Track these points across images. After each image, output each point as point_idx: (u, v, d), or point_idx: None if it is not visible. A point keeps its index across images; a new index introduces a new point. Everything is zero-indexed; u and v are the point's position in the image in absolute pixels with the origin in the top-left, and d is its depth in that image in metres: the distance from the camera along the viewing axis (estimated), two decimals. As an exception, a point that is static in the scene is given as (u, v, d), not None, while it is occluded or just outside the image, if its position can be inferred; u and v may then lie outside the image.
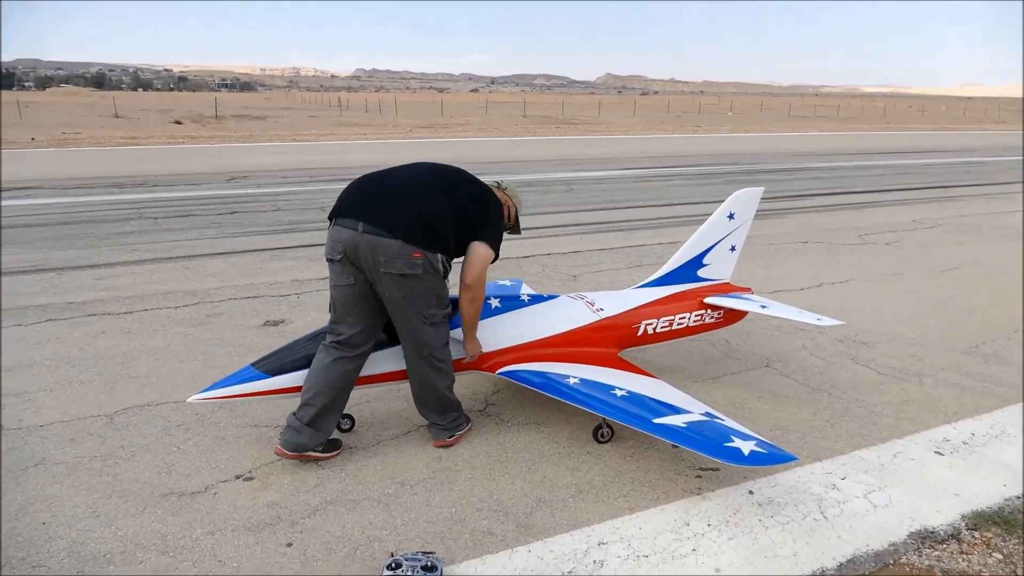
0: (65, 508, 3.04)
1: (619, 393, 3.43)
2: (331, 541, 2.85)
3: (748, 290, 4.66)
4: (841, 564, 2.76)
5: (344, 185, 3.39)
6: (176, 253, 8.01)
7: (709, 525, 2.99)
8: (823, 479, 3.38)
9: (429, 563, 2.56)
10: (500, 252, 3.48)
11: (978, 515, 3.10)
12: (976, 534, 3.00)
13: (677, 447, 3.49)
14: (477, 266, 3.35)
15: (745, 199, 4.49)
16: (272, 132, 29.87)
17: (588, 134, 32.81)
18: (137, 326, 5.50)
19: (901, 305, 6.35)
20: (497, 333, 3.77)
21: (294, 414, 3.32)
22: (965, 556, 2.87)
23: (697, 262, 4.45)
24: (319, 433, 3.32)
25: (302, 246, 8.43)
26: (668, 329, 4.26)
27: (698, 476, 3.38)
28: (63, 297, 6.25)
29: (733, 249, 4.56)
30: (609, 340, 4.05)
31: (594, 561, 2.74)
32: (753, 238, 9.03)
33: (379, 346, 3.52)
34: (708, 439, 3.02)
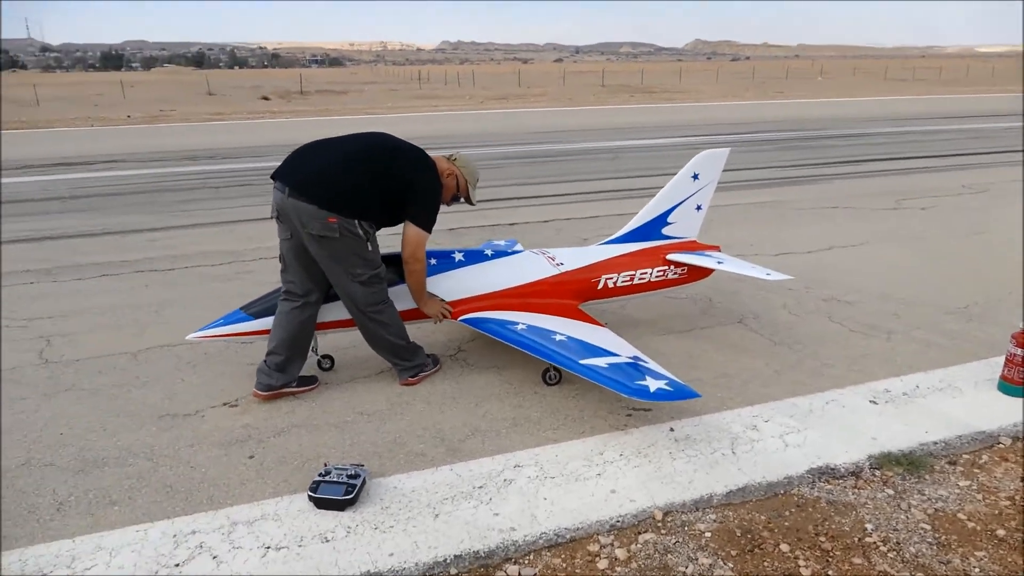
0: (80, 423, 3.64)
1: (558, 338, 3.74)
2: (286, 456, 3.32)
3: (715, 248, 4.84)
4: (730, 492, 3.02)
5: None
6: (225, 218, 8.75)
7: (621, 455, 3.29)
8: (747, 421, 3.61)
9: (354, 472, 2.99)
10: (434, 225, 3.75)
11: (885, 456, 3.27)
12: (877, 472, 3.18)
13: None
14: (408, 246, 3.67)
15: (709, 160, 4.65)
16: (350, 106, 30.87)
17: (662, 102, 32.25)
18: (175, 281, 6.17)
19: (906, 267, 6.31)
20: (460, 284, 4.13)
21: (264, 360, 3.80)
22: (857, 491, 3.07)
23: (661, 221, 4.66)
24: (285, 375, 3.80)
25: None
26: (629, 284, 4.52)
27: (628, 415, 3.67)
28: (120, 256, 7.02)
29: (699, 208, 4.74)
30: (568, 292, 4.35)
31: (504, 480, 3.11)
32: (779, 203, 9.02)
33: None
34: (621, 379, 3.31)
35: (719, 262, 4.49)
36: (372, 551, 2.64)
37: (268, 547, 2.68)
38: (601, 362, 3.47)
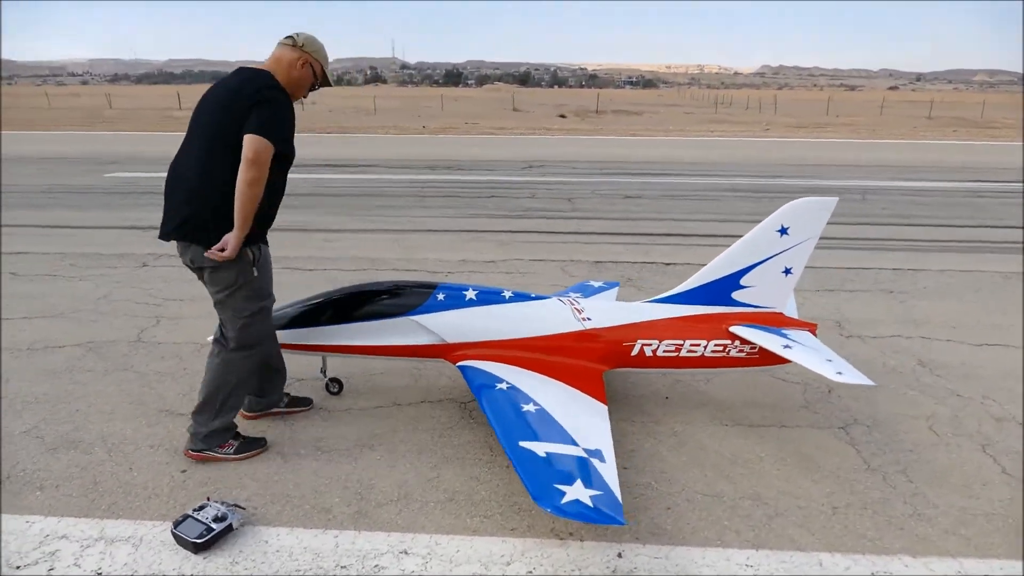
0: (100, 403, 3.94)
1: (526, 408, 3.12)
2: (211, 478, 3.21)
3: (809, 327, 3.70)
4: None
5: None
6: (404, 227, 9.15)
7: (530, 572, 2.61)
8: (733, 569, 2.64)
9: (222, 514, 2.76)
10: (288, 145, 3.08)
11: None
12: None
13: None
14: (251, 150, 2.89)
15: (805, 211, 3.56)
16: (634, 127, 30.34)
17: (994, 139, 26.62)
18: (311, 280, 6.51)
19: None
20: (464, 325, 3.69)
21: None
22: None
23: (733, 281, 3.68)
24: (265, 399, 3.72)
25: (508, 231, 8.90)
26: (673, 355, 3.64)
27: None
28: (293, 252, 7.66)
29: (787, 273, 3.65)
30: (592, 354, 3.64)
31: (376, 566, 2.64)
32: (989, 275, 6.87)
33: (366, 317, 3.73)
34: (541, 475, 2.62)
35: (786, 346, 3.41)
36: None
37: (100, 573, 2.57)
38: (541, 448, 2.80)
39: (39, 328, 5.11)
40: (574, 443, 2.87)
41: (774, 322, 3.67)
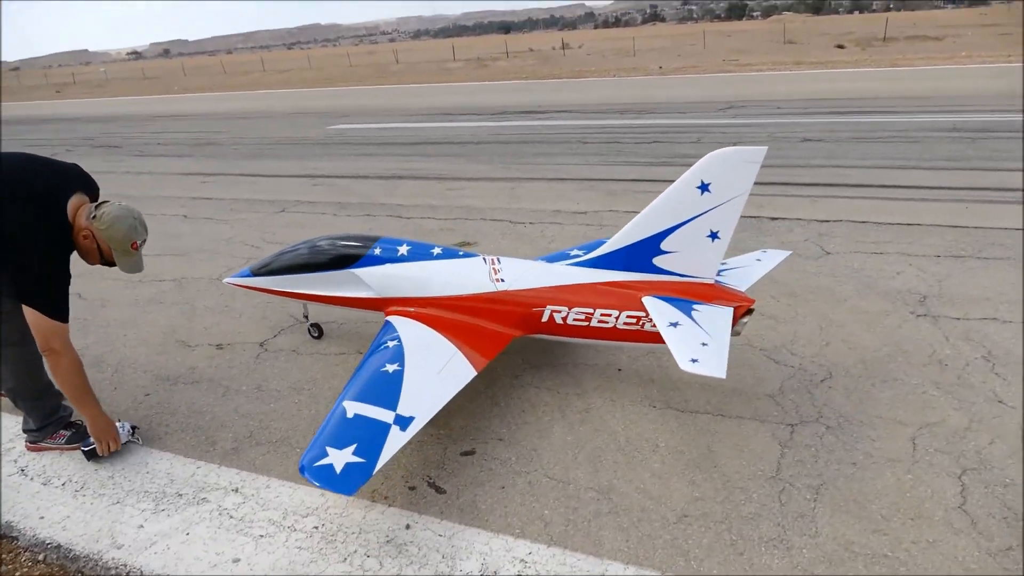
0: (117, 334, 4.73)
1: (388, 368, 3.11)
2: (164, 400, 3.74)
3: (743, 303, 3.08)
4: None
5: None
6: (530, 175, 9.13)
7: (317, 527, 2.71)
8: (514, 556, 2.47)
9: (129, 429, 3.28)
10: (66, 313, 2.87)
11: None
12: None
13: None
14: (39, 337, 2.83)
15: (726, 164, 2.92)
16: (924, 56, 25.82)
17: None
18: (408, 227, 6.91)
19: None
20: (392, 281, 3.73)
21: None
22: None
23: (653, 246, 3.18)
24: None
25: (629, 180, 8.44)
26: (583, 324, 3.31)
27: (411, 488, 2.91)
28: (406, 199, 8.15)
29: (714, 237, 3.05)
30: (503, 317, 3.47)
31: (201, 499, 2.92)
32: None
33: (317, 268, 3.97)
34: (324, 437, 2.65)
35: (674, 323, 2.89)
36: (32, 505, 2.92)
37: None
38: (355, 409, 2.80)
39: (158, 263, 6.15)
40: (392, 408, 2.83)
41: (702, 295, 3.14)
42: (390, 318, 3.64)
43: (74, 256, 3.05)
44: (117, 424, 3.27)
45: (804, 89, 16.85)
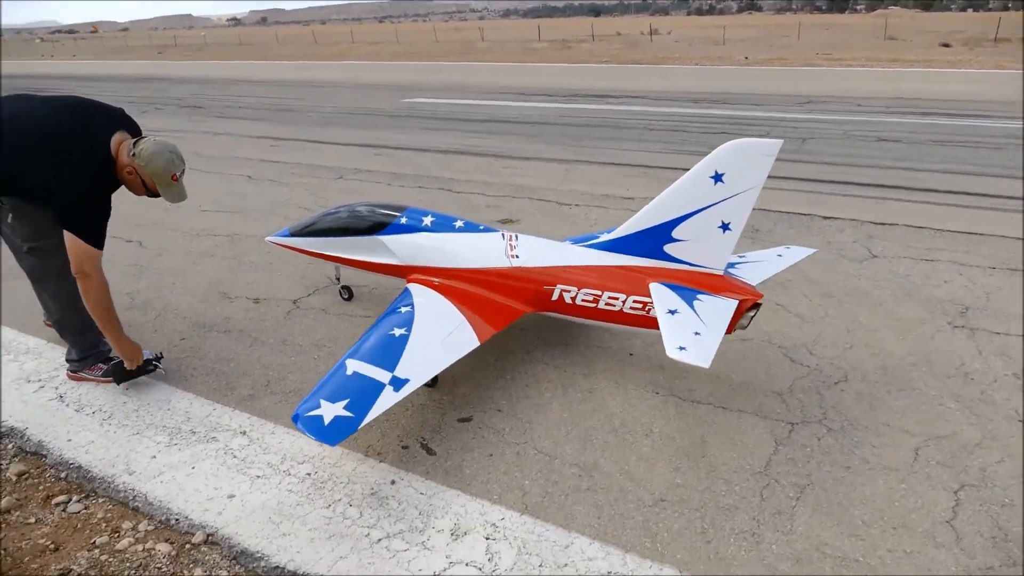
0: (169, 280, 5.02)
1: (395, 332, 3.23)
2: (212, 353, 3.98)
3: (749, 298, 3.02)
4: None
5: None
6: (588, 158, 9.10)
7: (310, 474, 2.87)
8: (487, 519, 2.55)
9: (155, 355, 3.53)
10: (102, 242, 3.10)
11: None
12: None
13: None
14: (73, 260, 3.06)
15: (741, 155, 2.87)
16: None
17: None
18: (456, 201, 7.03)
19: None
20: (417, 250, 3.84)
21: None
22: None
23: (664, 233, 3.15)
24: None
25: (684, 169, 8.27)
26: (591, 306, 3.33)
27: (404, 447, 3.02)
28: (462, 175, 8.26)
29: (725, 228, 3.00)
30: (515, 293, 3.52)
31: (212, 438, 3.12)
32: None
33: (348, 232, 4.13)
34: (329, 387, 2.78)
35: (673, 311, 2.87)
36: (64, 428, 3.19)
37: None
38: (355, 367, 2.92)
39: (216, 219, 6.48)
40: (390, 370, 2.94)
41: (708, 286, 3.11)
42: (409, 285, 3.75)
43: (124, 193, 3.29)
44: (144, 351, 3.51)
45: (891, 88, 16.03)
